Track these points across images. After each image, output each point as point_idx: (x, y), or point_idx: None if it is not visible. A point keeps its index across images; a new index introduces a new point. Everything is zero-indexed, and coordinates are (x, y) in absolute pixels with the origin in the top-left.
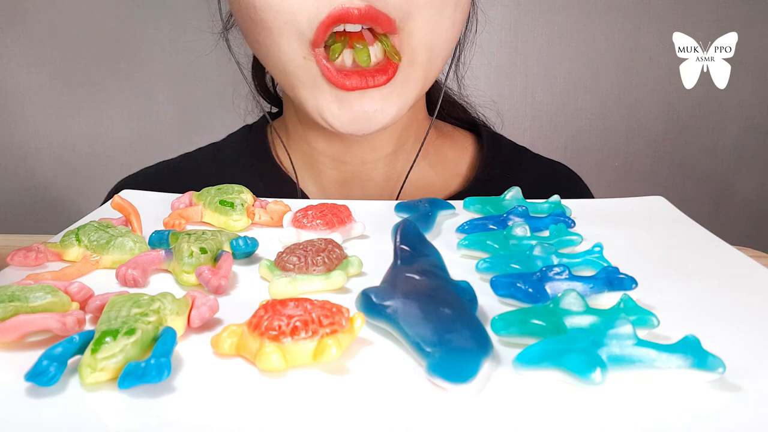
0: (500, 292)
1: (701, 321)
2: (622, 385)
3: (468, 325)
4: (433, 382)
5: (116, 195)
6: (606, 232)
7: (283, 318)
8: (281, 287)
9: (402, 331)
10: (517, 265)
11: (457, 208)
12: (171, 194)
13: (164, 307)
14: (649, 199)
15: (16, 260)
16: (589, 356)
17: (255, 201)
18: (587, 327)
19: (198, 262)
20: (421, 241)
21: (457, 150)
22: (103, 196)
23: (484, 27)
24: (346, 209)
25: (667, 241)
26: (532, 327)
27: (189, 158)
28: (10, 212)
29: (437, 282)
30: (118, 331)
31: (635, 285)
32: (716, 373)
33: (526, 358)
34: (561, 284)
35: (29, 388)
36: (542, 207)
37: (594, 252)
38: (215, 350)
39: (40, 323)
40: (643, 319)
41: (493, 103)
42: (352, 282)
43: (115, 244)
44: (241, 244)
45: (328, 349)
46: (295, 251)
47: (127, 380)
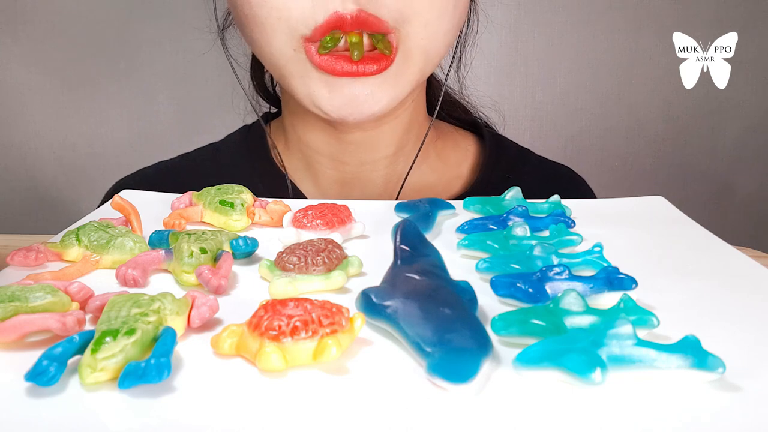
0: (500, 292)
1: (701, 321)
2: (622, 385)
3: (468, 325)
4: (433, 382)
5: (116, 195)
6: (606, 232)
7: (283, 318)
8: (281, 287)
9: (402, 331)
10: (517, 265)
11: (457, 208)
12: (171, 194)
13: (164, 307)
14: (649, 199)
15: (16, 260)
16: (589, 356)
17: (255, 201)
18: (587, 327)
19: (198, 262)
20: (421, 241)
21: (459, 152)
22: (103, 196)
23: (485, 27)
24: (346, 209)
25: (667, 241)
26: (532, 327)
27: (187, 158)
28: (10, 212)
29: (437, 282)
30: (118, 331)
31: (635, 285)
32: (716, 373)
33: (526, 358)
34: (561, 284)
35: (29, 388)
36: (542, 207)
37: (594, 252)
38: (215, 350)
39: (40, 323)
40: (643, 319)
41: (494, 103)
42: (352, 282)
43: (115, 244)
44: (241, 244)
45: (328, 349)
46: (295, 251)
47: (127, 380)
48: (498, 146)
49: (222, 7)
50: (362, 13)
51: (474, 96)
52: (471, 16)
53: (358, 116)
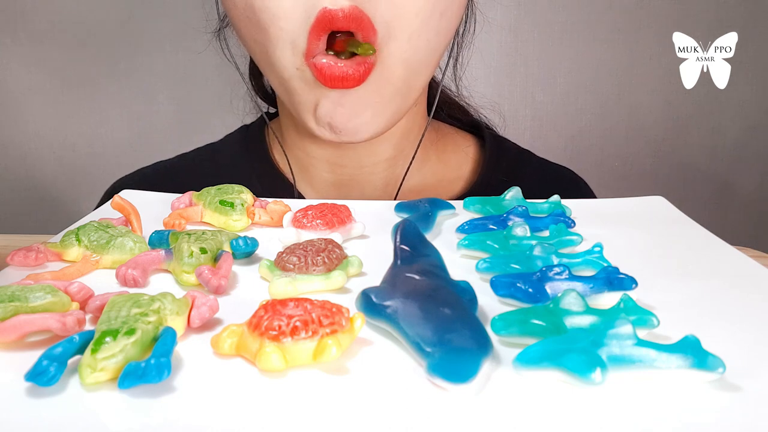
0: (500, 292)
1: (701, 321)
2: (622, 385)
3: (468, 325)
4: (433, 382)
5: (116, 195)
6: (606, 232)
7: (283, 318)
8: (281, 287)
9: (402, 331)
10: (517, 265)
11: (457, 208)
12: (171, 194)
13: (164, 307)
14: (649, 199)
15: (16, 260)
16: (589, 356)
17: (255, 201)
18: (587, 327)
19: (198, 262)
20: (421, 241)
21: (460, 154)
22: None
23: (482, 27)
24: (346, 209)
25: (667, 241)
26: (532, 327)
27: (186, 158)
28: (10, 212)
29: (437, 282)
30: (118, 331)
31: (635, 285)
32: (716, 373)
33: (526, 358)
34: (561, 284)
35: (29, 388)
36: (542, 207)
37: (594, 252)
38: (215, 350)
39: (40, 323)
40: (643, 319)
41: (494, 104)
42: (352, 282)
43: (115, 244)
44: (241, 244)
45: (328, 349)
46: (295, 251)
47: (127, 380)
48: (499, 148)
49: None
50: (356, 10)
51: (475, 97)
52: (468, 17)
53: (353, 137)
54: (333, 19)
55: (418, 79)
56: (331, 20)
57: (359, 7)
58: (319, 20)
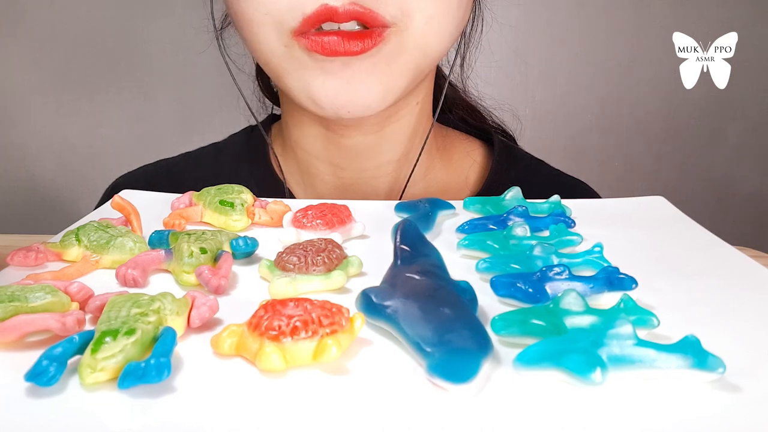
0: (500, 292)
1: (701, 321)
2: (622, 385)
3: (468, 325)
4: (433, 382)
5: (116, 195)
6: (606, 232)
7: (283, 318)
8: (281, 287)
9: (402, 331)
10: (517, 265)
11: (457, 208)
12: (171, 194)
13: (164, 307)
14: (649, 199)
15: (16, 260)
16: (589, 356)
17: (255, 201)
18: (587, 327)
19: (198, 262)
20: (421, 241)
21: (466, 161)
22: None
23: (490, 26)
24: (346, 209)
25: (667, 241)
26: (532, 327)
27: (189, 157)
28: (10, 212)
29: (437, 282)
30: (118, 331)
31: (635, 285)
32: (716, 373)
33: (526, 358)
34: (561, 284)
35: (29, 388)
36: (542, 207)
37: (594, 252)
38: (215, 350)
39: (40, 323)
40: (643, 319)
41: (509, 106)
42: (352, 282)
43: (115, 244)
44: (241, 244)
45: (328, 349)
46: (295, 251)
47: (127, 380)
48: (507, 157)
49: (220, 8)
50: (355, 6)
51: (485, 99)
52: (476, 16)
53: (352, 108)
54: (334, 15)
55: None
56: (331, 15)
57: (362, 4)
58: (318, 14)
